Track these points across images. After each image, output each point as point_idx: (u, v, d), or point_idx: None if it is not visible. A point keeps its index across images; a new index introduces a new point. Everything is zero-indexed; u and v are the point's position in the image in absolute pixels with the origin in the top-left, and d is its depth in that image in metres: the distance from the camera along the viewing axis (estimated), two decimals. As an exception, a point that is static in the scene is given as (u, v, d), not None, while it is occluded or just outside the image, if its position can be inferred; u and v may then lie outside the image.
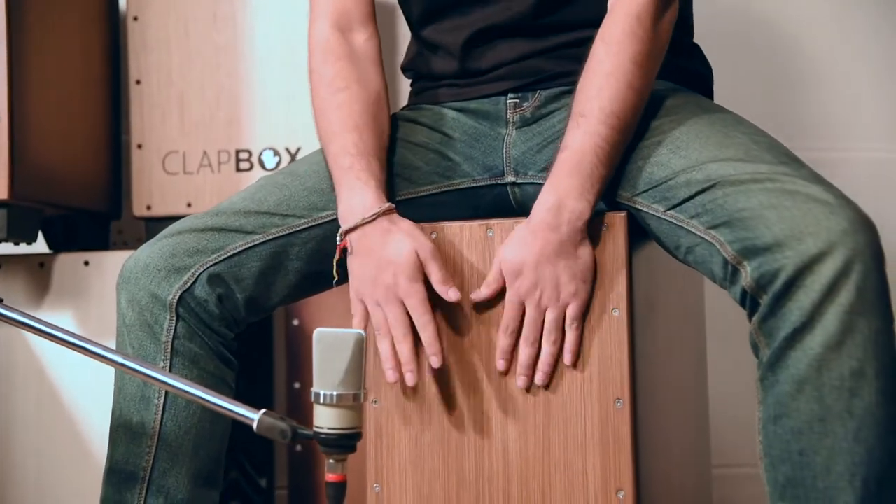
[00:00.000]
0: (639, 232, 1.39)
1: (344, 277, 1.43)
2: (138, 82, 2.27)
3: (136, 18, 2.28)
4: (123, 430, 1.45)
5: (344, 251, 1.42)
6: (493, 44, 1.51)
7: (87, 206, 2.22)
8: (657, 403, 1.52)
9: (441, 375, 1.42)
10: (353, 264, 1.41)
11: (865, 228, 1.19)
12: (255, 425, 1.20)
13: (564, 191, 1.33)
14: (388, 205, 1.40)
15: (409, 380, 1.38)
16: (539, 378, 1.36)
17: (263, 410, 1.20)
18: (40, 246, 2.29)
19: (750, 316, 1.25)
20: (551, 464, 1.38)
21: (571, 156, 1.34)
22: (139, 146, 2.26)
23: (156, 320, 1.44)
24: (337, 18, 1.53)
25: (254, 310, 1.49)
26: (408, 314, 1.38)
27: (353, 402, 1.17)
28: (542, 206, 1.34)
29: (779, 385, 1.21)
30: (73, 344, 1.27)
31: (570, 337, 1.35)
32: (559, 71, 1.48)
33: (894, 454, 1.18)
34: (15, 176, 1.89)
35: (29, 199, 1.96)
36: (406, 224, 1.40)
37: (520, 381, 1.37)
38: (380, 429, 1.45)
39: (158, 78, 2.26)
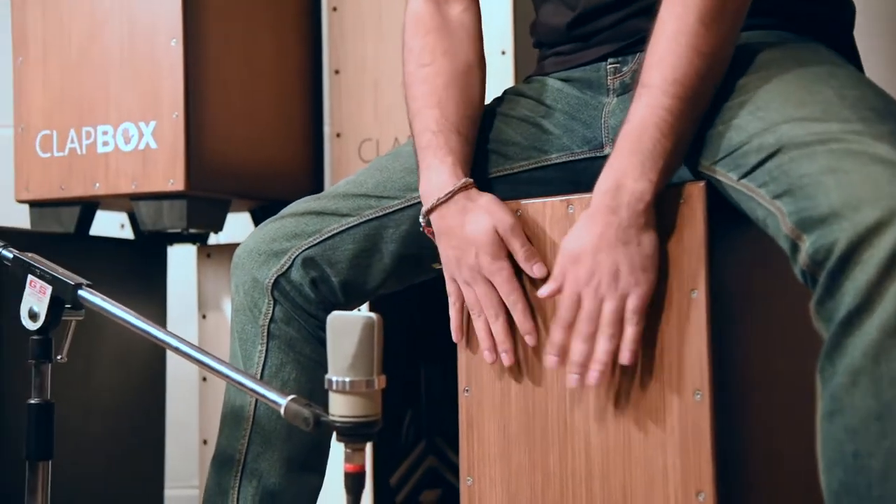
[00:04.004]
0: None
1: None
2: (337, 72, 2.31)
3: (335, 9, 2.32)
4: (229, 416, 1.47)
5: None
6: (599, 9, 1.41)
7: (287, 197, 2.27)
8: (756, 400, 1.34)
9: (526, 364, 1.34)
10: (440, 245, 1.36)
11: None
12: (282, 411, 1.17)
13: (622, 171, 1.21)
14: (464, 180, 1.34)
15: (506, 359, 1.32)
16: (592, 377, 1.22)
17: (292, 396, 1.17)
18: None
19: None
20: (632, 460, 1.27)
21: (631, 131, 1.22)
22: (338, 135, 2.30)
23: (255, 304, 1.45)
24: None
25: (352, 294, 1.46)
26: (497, 292, 1.31)
27: (365, 388, 1.12)
28: (600, 188, 1.22)
29: (836, 377, 1.03)
30: (140, 328, 1.30)
31: (629, 332, 1.21)
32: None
33: None
34: (191, 169, 1.97)
35: (210, 190, 2.03)
36: (485, 199, 1.33)
37: (570, 379, 1.24)
38: (471, 419, 1.39)
39: (354, 66, 2.29)
